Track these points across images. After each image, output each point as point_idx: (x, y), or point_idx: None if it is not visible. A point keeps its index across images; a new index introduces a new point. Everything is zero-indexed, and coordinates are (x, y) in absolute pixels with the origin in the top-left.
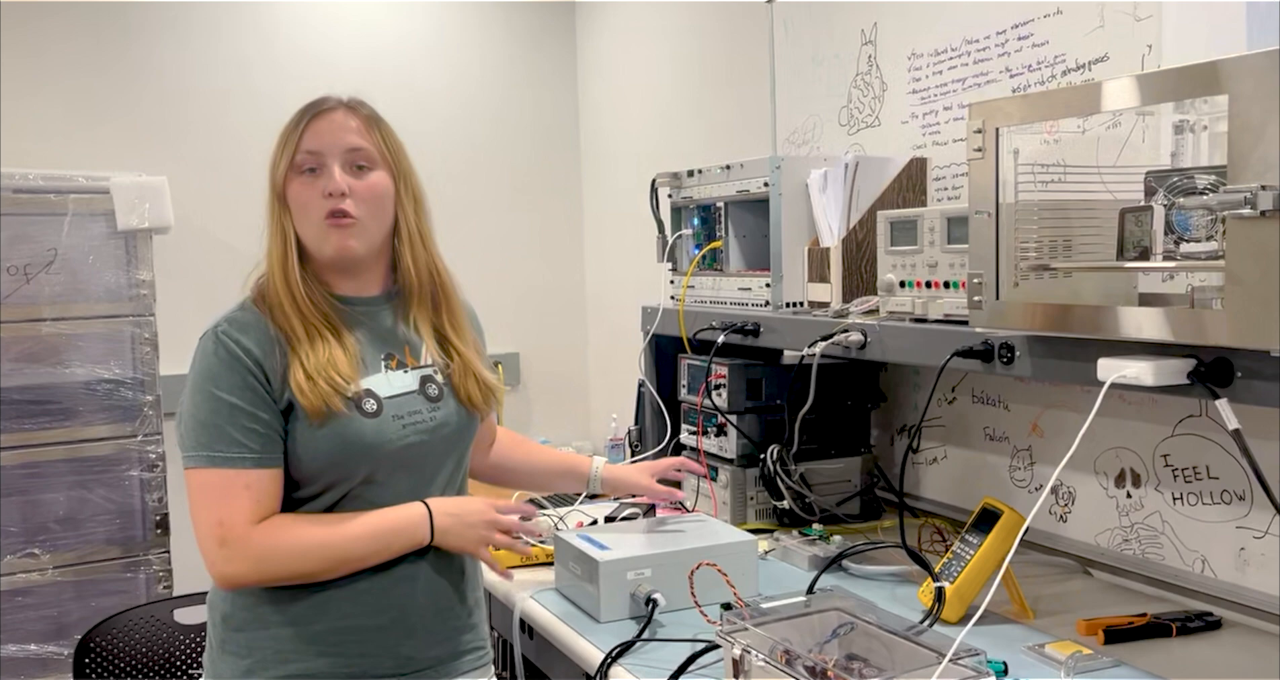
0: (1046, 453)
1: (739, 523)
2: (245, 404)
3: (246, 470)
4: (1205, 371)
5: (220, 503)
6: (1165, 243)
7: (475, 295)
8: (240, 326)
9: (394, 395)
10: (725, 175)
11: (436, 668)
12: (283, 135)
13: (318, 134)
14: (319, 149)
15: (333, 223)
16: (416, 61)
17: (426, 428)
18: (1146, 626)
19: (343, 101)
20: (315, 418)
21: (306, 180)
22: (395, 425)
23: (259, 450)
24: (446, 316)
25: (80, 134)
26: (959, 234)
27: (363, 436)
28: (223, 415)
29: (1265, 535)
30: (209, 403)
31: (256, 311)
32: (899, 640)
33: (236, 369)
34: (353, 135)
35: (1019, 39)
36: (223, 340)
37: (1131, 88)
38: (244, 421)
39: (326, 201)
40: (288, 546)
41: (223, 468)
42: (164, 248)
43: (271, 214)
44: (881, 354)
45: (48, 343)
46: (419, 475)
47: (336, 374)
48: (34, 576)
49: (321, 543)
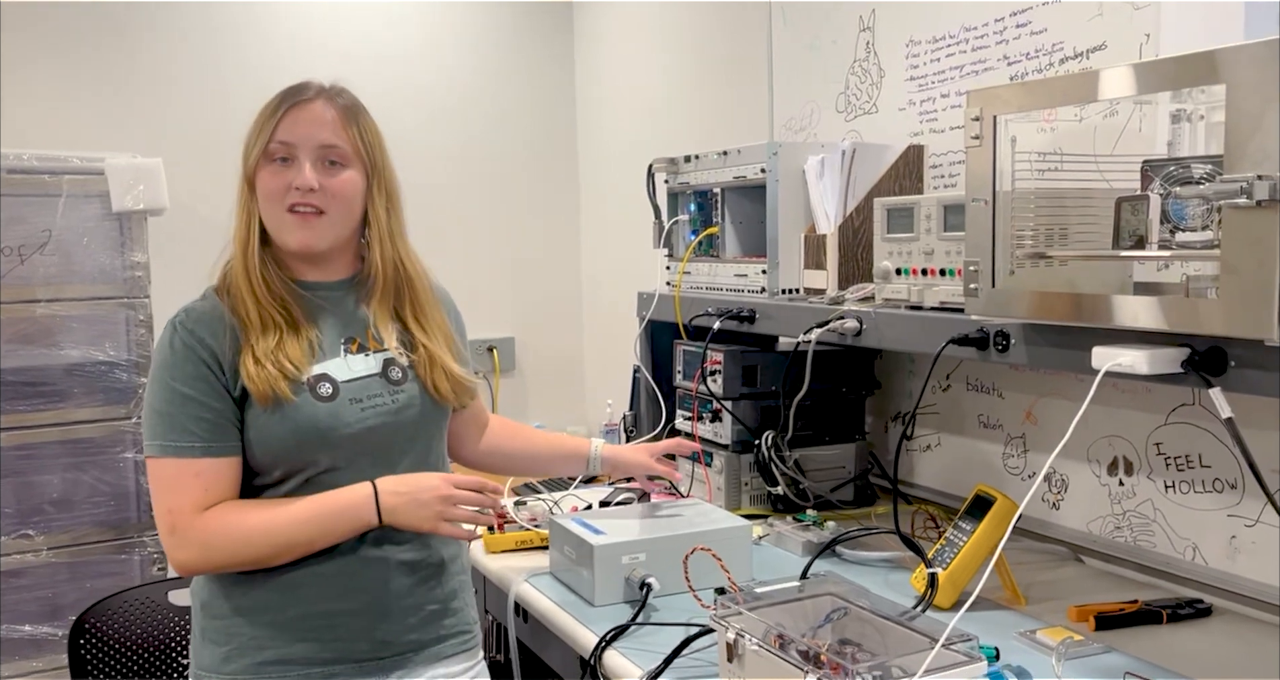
0: (1040, 440)
1: (733, 508)
2: (198, 394)
3: (196, 458)
4: (1199, 360)
5: (171, 492)
6: (1161, 232)
7: (472, 280)
8: (196, 317)
9: (352, 378)
10: (722, 161)
11: (417, 652)
12: (258, 121)
13: (293, 125)
14: (292, 141)
15: (297, 217)
16: (412, 43)
17: (388, 410)
18: (1137, 613)
19: (323, 89)
20: (263, 403)
21: (277, 169)
22: (353, 409)
23: (209, 439)
24: (411, 308)
25: (76, 115)
26: (955, 222)
27: (316, 421)
28: (176, 405)
29: (1256, 524)
30: (164, 392)
31: (215, 300)
32: (892, 625)
33: (190, 359)
34: (328, 130)
35: (1017, 27)
36: (179, 331)
37: (1129, 76)
38: (196, 411)
39: (293, 193)
40: (231, 532)
41: (174, 457)
42: (158, 230)
43: (240, 198)
44: (877, 341)
45: (41, 324)
46: (383, 461)
47: (286, 360)
48: (28, 558)
49: (264, 528)
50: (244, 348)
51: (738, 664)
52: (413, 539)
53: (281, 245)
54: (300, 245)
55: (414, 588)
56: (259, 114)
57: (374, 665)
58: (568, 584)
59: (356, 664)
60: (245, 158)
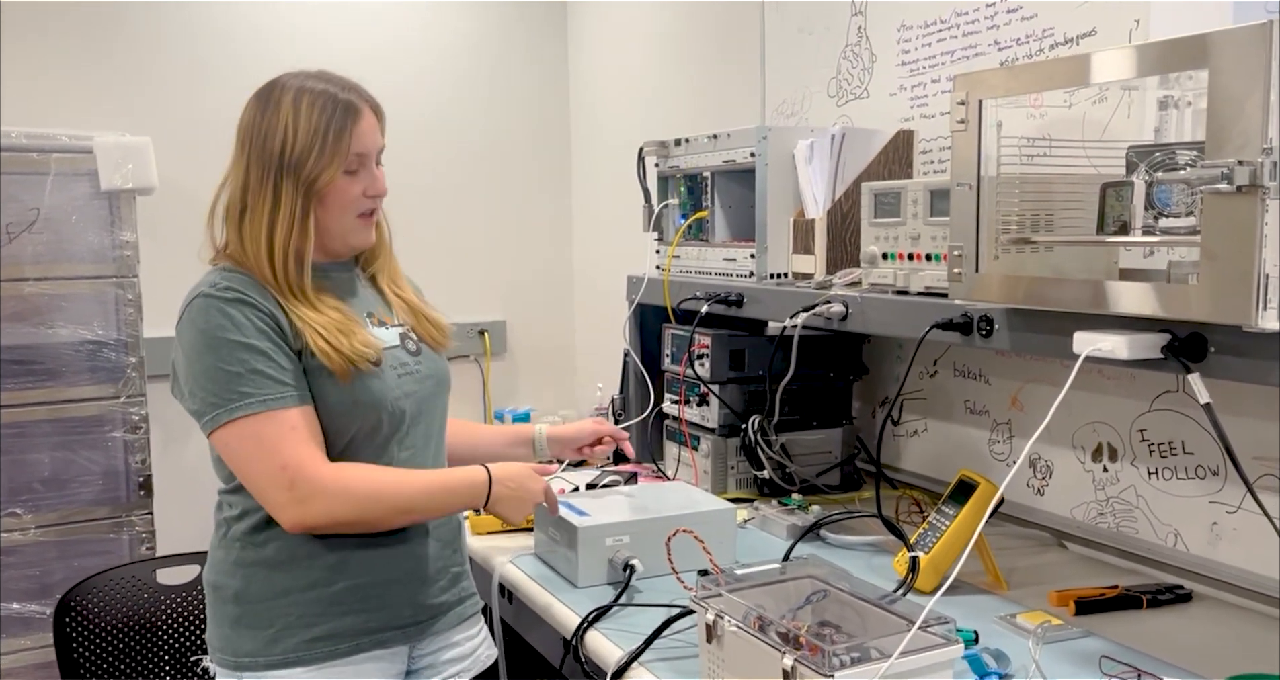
0: (1026, 426)
1: (719, 492)
2: (273, 348)
3: (291, 409)
4: (1179, 346)
5: (277, 448)
6: (1145, 218)
7: (464, 263)
8: (241, 283)
9: (386, 347)
10: (712, 145)
11: (447, 614)
12: (319, 132)
13: (362, 137)
14: (365, 152)
15: (365, 220)
16: (405, 28)
17: (418, 378)
18: (1117, 598)
19: (363, 97)
20: (344, 378)
21: (350, 180)
22: (395, 377)
23: (297, 387)
24: (388, 272)
25: (64, 94)
26: (942, 207)
27: (371, 389)
28: (256, 360)
29: (1237, 510)
30: (231, 352)
31: (248, 275)
32: (871, 608)
33: (250, 316)
34: (380, 136)
35: (1008, 12)
36: (225, 295)
37: (1113, 61)
38: (279, 362)
39: (367, 201)
40: (362, 489)
41: (268, 410)
42: (147, 209)
43: (291, 204)
44: (863, 326)
45: (31, 303)
46: (421, 426)
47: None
48: (16, 536)
49: (395, 488)
50: (299, 323)
51: (717, 645)
52: None
53: (343, 246)
54: (369, 245)
55: (441, 551)
56: (317, 126)
57: (415, 629)
58: (552, 565)
59: (400, 630)
60: (311, 168)
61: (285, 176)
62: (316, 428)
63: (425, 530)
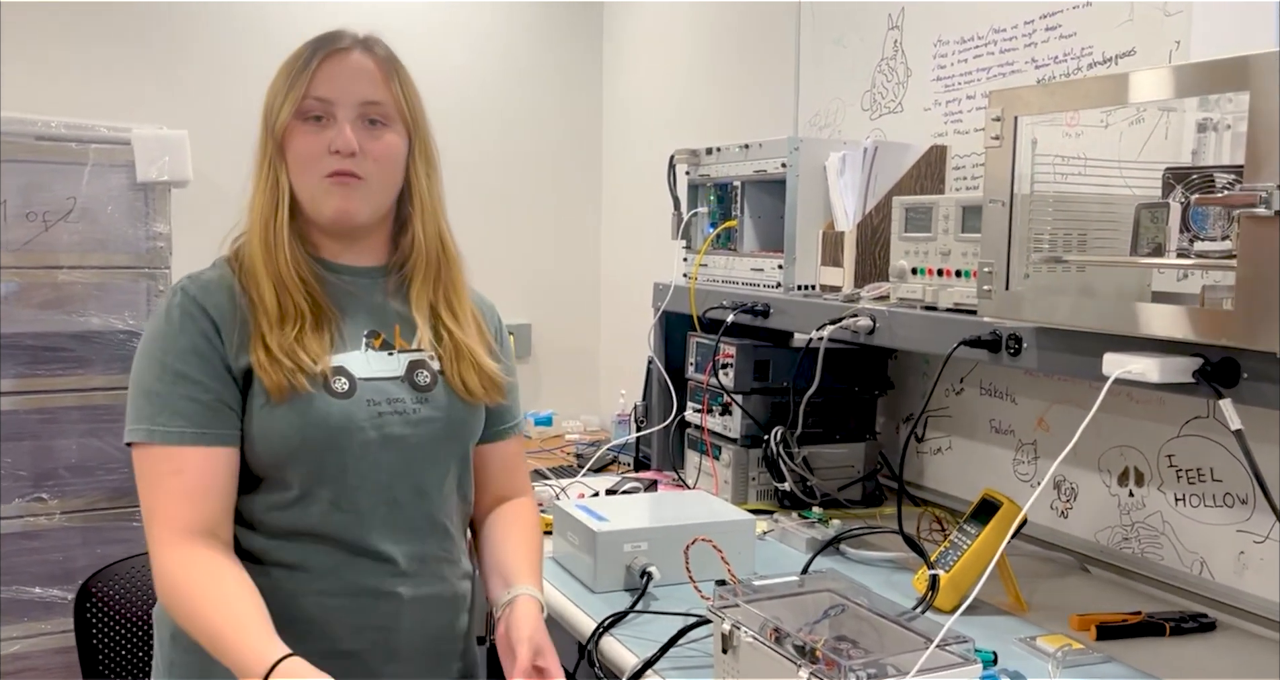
0: (1052, 448)
1: (740, 502)
2: (192, 371)
3: (184, 448)
4: (1211, 371)
5: (151, 490)
6: (1180, 241)
7: (492, 265)
8: (203, 286)
9: (371, 378)
10: (743, 154)
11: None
12: (287, 73)
13: (330, 78)
14: (330, 97)
15: (336, 181)
16: (440, 30)
17: (408, 420)
18: (1140, 625)
19: (359, 39)
20: (278, 395)
21: (311, 130)
22: (368, 411)
23: (201, 424)
24: (444, 293)
25: (104, 86)
26: (973, 223)
27: (327, 418)
28: (166, 382)
29: (1265, 540)
30: (153, 368)
31: (226, 270)
32: (889, 624)
33: (188, 331)
34: (369, 84)
35: (1046, 30)
36: (179, 297)
37: (1153, 81)
38: (188, 391)
39: (332, 158)
40: (164, 591)
41: (160, 444)
42: (181, 202)
43: (263, 163)
44: (890, 340)
45: (64, 291)
46: (403, 477)
47: (304, 353)
48: (41, 521)
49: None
50: (254, 333)
51: (733, 655)
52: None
53: (316, 217)
54: (338, 215)
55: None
56: (285, 65)
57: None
58: (569, 569)
59: None
60: (270, 116)
61: (265, 130)
62: (217, 474)
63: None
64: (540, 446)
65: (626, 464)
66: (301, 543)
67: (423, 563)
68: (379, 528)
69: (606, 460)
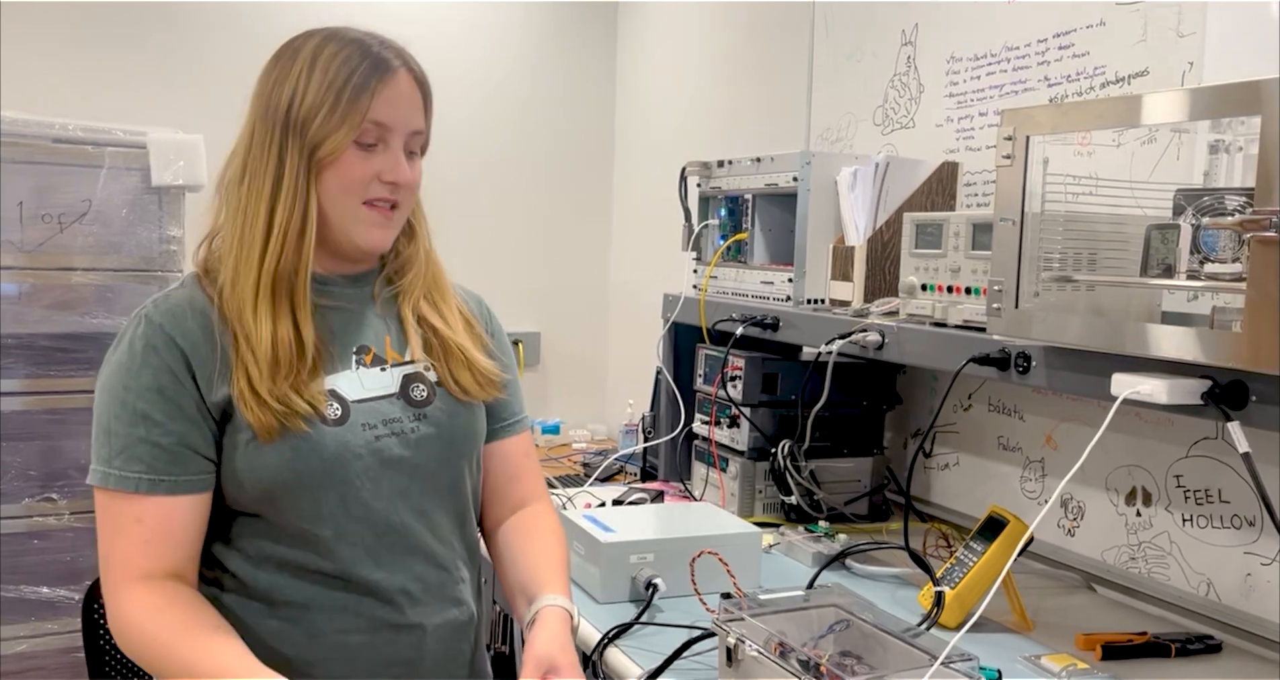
0: (1059, 466)
1: (746, 515)
2: (158, 414)
3: (141, 496)
4: (1220, 393)
5: (110, 537)
6: (1191, 262)
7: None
8: (170, 311)
9: (365, 398)
10: (755, 168)
11: None
12: (335, 90)
13: (389, 104)
14: (390, 124)
15: (380, 212)
16: (452, 39)
17: (409, 440)
18: (1145, 645)
19: (400, 55)
20: (265, 436)
21: (363, 156)
22: (364, 435)
23: (160, 471)
24: (424, 291)
25: (121, 89)
26: (984, 240)
27: (321, 449)
28: (125, 422)
29: (1273, 562)
30: (114, 406)
31: (198, 290)
32: (894, 640)
33: (150, 364)
34: (417, 113)
35: (1059, 48)
36: (143, 326)
37: (1165, 103)
38: (148, 433)
39: (379, 187)
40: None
41: (115, 489)
42: (195, 206)
43: (292, 179)
44: (898, 356)
45: (77, 292)
46: (406, 502)
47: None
48: (50, 521)
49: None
50: (237, 369)
51: (737, 669)
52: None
53: (343, 240)
54: (374, 245)
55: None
56: (333, 80)
57: None
58: (575, 579)
59: None
60: (317, 133)
61: (290, 138)
62: (181, 523)
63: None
64: (547, 455)
65: (633, 474)
66: (309, 580)
67: (440, 589)
68: (386, 558)
69: (613, 470)
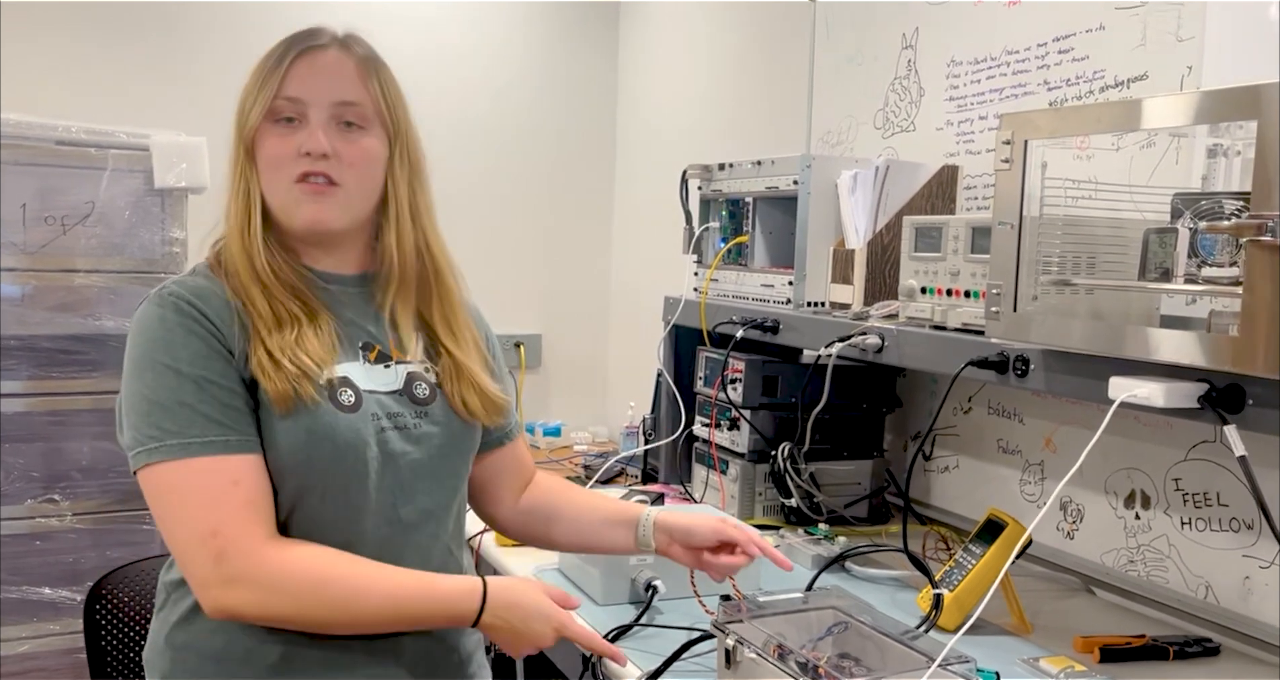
0: (1058, 468)
1: (746, 517)
2: (215, 376)
3: (229, 457)
4: (1216, 396)
5: (209, 506)
6: (1188, 266)
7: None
8: (193, 290)
9: (373, 391)
10: (756, 171)
11: None
12: (259, 73)
13: (303, 77)
14: (303, 96)
15: (309, 188)
16: (455, 41)
17: (411, 436)
18: (1143, 648)
19: (336, 37)
20: (283, 406)
21: (282, 132)
22: (374, 425)
23: (244, 431)
24: (438, 308)
25: (124, 92)
26: (983, 244)
27: (334, 433)
28: (189, 391)
29: (1271, 566)
30: (163, 379)
31: (212, 276)
32: (892, 642)
33: (195, 336)
34: (344, 83)
35: (1059, 52)
36: (173, 304)
37: (1164, 108)
38: (218, 396)
39: (302, 161)
40: (309, 584)
41: (202, 456)
42: (197, 208)
43: (235, 168)
44: (898, 359)
45: (80, 294)
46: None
47: (307, 357)
48: (53, 522)
49: (349, 594)
50: (253, 336)
51: (735, 671)
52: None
53: (286, 224)
54: (310, 223)
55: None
56: (259, 63)
57: None
58: (574, 581)
59: None
60: (242, 117)
61: (235, 131)
62: (265, 486)
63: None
64: (548, 457)
65: (634, 476)
66: None
67: None
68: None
69: (614, 472)
